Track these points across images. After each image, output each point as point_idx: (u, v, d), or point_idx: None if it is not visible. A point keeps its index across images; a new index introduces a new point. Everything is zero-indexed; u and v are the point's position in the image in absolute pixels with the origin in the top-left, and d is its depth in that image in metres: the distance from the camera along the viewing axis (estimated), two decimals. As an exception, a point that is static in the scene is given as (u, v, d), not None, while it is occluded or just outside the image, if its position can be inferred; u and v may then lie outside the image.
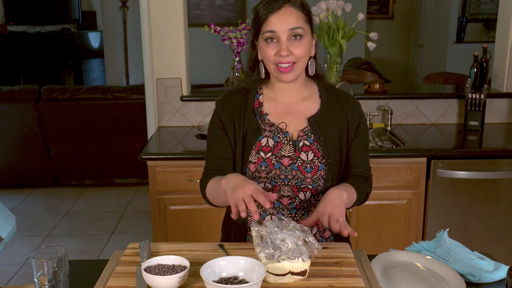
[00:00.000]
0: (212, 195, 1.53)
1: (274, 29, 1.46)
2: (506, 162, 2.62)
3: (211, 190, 1.53)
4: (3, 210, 1.37)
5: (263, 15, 1.47)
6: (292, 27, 1.46)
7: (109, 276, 1.32)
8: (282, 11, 1.46)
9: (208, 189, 1.55)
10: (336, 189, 1.48)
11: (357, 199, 1.57)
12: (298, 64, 1.49)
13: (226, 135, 1.57)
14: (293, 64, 1.48)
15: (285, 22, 1.46)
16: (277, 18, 1.46)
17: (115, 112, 4.41)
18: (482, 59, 2.89)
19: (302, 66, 1.51)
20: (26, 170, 4.58)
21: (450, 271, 1.44)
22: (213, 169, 1.58)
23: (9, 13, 6.69)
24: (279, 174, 1.52)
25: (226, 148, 1.57)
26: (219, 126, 1.58)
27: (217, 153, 1.58)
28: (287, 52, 1.46)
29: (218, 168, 1.56)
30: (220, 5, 6.85)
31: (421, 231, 2.71)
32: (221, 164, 1.57)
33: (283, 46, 1.46)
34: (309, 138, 1.54)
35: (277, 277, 1.25)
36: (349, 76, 3.89)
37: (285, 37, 1.46)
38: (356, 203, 1.59)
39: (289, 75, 1.49)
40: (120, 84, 7.36)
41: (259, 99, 1.59)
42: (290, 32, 1.46)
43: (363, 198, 1.62)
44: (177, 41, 3.02)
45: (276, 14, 1.46)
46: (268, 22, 1.47)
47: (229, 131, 1.57)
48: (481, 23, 6.62)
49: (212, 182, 1.53)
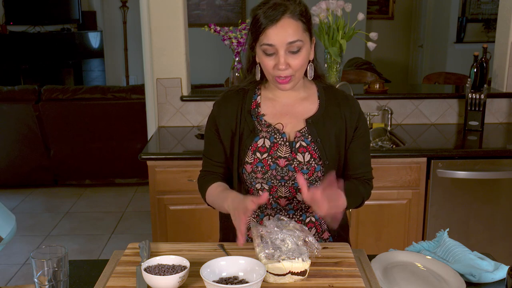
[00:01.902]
0: (213, 204, 1.59)
1: (272, 42, 1.43)
2: (506, 162, 2.62)
3: (212, 200, 1.58)
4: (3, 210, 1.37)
5: (262, 25, 1.43)
6: (290, 40, 1.43)
7: (109, 276, 1.32)
8: (280, 23, 1.42)
9: (209, 196, 1.59)
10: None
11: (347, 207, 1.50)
12: (295, 75, 1.48)
13: (218, 138, 1.59)
14: (291, 75, 1.47)
15: (284, 36, 1.42)
16: (276, 31, 1.42)
17: (115, 112, 4.41)
18: (482, 59, 2.89)
19: (300, 75, 1.50)
20: (26, 170, 4.58)
21: (450, 271, 1.44)
22: (208, 170, 1.63)
23: (9, 13, 6.69)
24: (275, 175, 1.52)
25: (217, 152, 1.60)
26: (213, 129, 1.60)
27: (210, 155, 1.63)
28: (285, 66, 1.44)
29: (212, 170, 1.62)
30: (220, 5, 6.85)
31: (421, 231, 2.71)
32: (214, 165, 1.62)
33: (281, 60, 1.44)
34: (306, 139, 1.53)
35: (277, 277, 1.25)
36: (349, 76, 3.89)
37: (283, 50, 1.44)
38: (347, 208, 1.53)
39: (287, 85, 1.49)
40: (120, 84, 7.36)
41: (257, 100, 1.58)
42: (288, 46, 1.43)
43: (357, 204, 1.59)
44: (177, 41, 3.02)
45: (275, 27, 1.42)
46: (266, 35, 1.43)
47: (225, 132, 1.57)
48: (481, 23, 6.62)
49: (212, 191, 1.57)
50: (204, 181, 1.62)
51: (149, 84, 3.12)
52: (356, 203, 1.59)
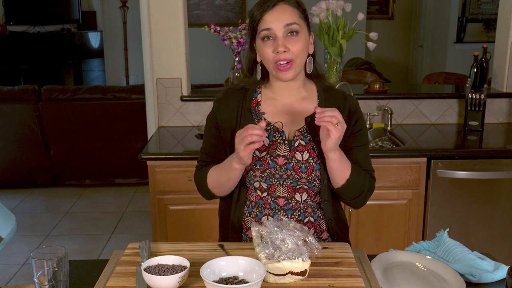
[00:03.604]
0: (218, 180, 1.55)
1: (270, 26, 1.47)
2: (506, 162, 2.62)
3: (215, 176, 1.55)
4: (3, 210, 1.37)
5: (258, 15, 1.49)
6: (287, 23, 1.46)
7: (109, 276, 1.32)
8: (276, 8, 1.47)
9: (210, 177, 1.57)
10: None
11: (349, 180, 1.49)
12: (296, 61, 1.48)
13: (218, 134, 1.59)
14: (291, 61, 1.48)
15: (280, 19, 1.46)
16: (272, 15, 1.47)
17: (115, 112, 4.41)
18: (482, 59, 2.89)
19: (300, 63, 1.51)
20: (26, 170, 4.58)
21: (450, 271, 1.43)
22: (204, 165, 1.62)
23: (9, 13, 6.69)
24: (274, 174, 1.52)
25: (216, 147, 1.60)
26: (213, 125, 1.60)
27: (208, 151, 1.62)
28: (284, 48, 1.46)
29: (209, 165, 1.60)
30: (220, 5, 6.85)
31: (421, 231, 2.71)
32: (212, 162, 1.60)
33: (280, 43, 1.46)
34: (305, 138, 1.53)
35: (277, 277, 1.25)
36: (349, 76, 3.89)
37: (281, 33, 1.47)
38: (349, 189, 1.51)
39: (288, 73, 1.49)
40: (120, 84, 7.36)
41: (257, 98, 1.59)
42: (286, 29, 1.46)
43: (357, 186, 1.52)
44: (177, 41, 3.02)
45: (271, 12, 1.47)
46: (263, 21, 1.48)
47: (225, 131, 1.57)
48: (481, 23, 6.62)
49: (212, 169, 1.56)
50: (200, 172, 1.61)
51: (149, 84, 3.12)
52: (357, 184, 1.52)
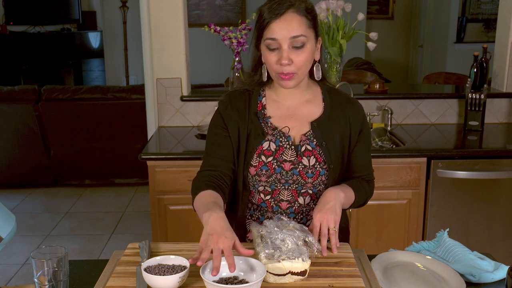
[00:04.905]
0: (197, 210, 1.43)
1: (276, 36, 1.42)
2: (506, 162, 2.62)
3: (197, 205, 1.43)
4: (3, 210, 1.37)
5: (266, 20, 1.43)
6: (294, 35, 1.41)
7: (109, 276, 1.32)
8: (284, 17, 1.42)
9: (196, 201, 1.45)
10: (334, 188, 1.48)
11: (355, 201, 1.56)
12: (298, 73, 1.46)
13: (228, 135, 1.53)
14: (294, 73, 1.45)
15: (287, 29, 1.41)
16: (279, 25, 1.42)
17: (115, 112, 4.41)
18: (482, 59, 2.89)
19: (303, 74, 1.49)
20: (26, 170, 4.58)
21: (450, 271, 1.43)
22: (207, 169, 1.52)
23: (9, 13, 6.69)
24: (280, 179, 1.51)
25: (226, 148, 1.53)
26: (221, 126, 1.55)
27: (216, 153, 1.53)
28: (288, 61, 1.42)
29: (214, 168, 1.51)
30: (220, 5, 6.85)
31: (421, 231, 2.71)
32: (217, 164, 1.51)
33: (284, 55, 1.42)
34: (312, 143, 1.52)
35: (277, 277, 1.25)
36: (349, 76, 3.89)
37: (287, 45, 1.42)
38: (355, 204, 1.58)
39: (290, 82, 1.47)
40: (120, 84, 7.36)
41: (262, 101, 1.56)
42: (291, 41, 1.42)
43: (362, 200, 1.60)
44: (177, 41, 3.02)
45: (278, 21, 1.42)
46: (270, 29, 1.43)
47: (233, 132, 1.53)
48: (481, 23, 6.62)
49: (200, 198, 1.43)
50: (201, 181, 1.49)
51: (149, 84, 3.12)
52: (361, 199, 1.59)
